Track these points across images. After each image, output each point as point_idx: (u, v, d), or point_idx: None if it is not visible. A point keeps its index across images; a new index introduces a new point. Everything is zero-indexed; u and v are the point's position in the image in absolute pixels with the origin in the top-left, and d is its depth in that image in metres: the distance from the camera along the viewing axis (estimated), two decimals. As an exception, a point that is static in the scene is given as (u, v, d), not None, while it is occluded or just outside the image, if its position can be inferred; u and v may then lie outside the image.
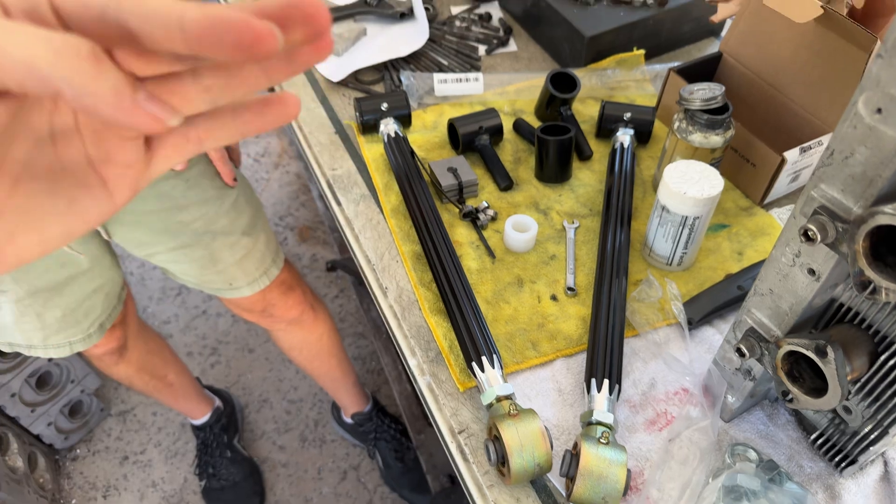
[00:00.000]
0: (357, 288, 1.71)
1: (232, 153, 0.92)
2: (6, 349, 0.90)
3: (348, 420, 1.52)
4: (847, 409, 0.56)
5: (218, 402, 1.51)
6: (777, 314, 0.54)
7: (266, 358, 1.73)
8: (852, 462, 0.58)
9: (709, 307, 0.73)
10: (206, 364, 1.72)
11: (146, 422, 1.62)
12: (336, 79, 1.03)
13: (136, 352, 1.12)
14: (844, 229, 0.44)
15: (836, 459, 0.60)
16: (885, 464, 0.61)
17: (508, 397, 0.61)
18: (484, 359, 0.64)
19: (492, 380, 0.63)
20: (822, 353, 0.49)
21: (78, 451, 1.56)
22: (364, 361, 1.73)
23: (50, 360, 1.42)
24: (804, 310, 0.52)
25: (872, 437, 0.55)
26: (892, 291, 0.42)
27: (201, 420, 1.46)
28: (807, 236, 0.45)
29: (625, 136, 0.89)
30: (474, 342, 0.66)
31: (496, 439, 0.58)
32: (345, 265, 1.70)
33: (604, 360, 0.65)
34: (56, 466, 1.53)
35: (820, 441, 0.61)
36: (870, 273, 0.42)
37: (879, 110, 0.40)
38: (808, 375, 0.53)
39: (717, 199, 0.71)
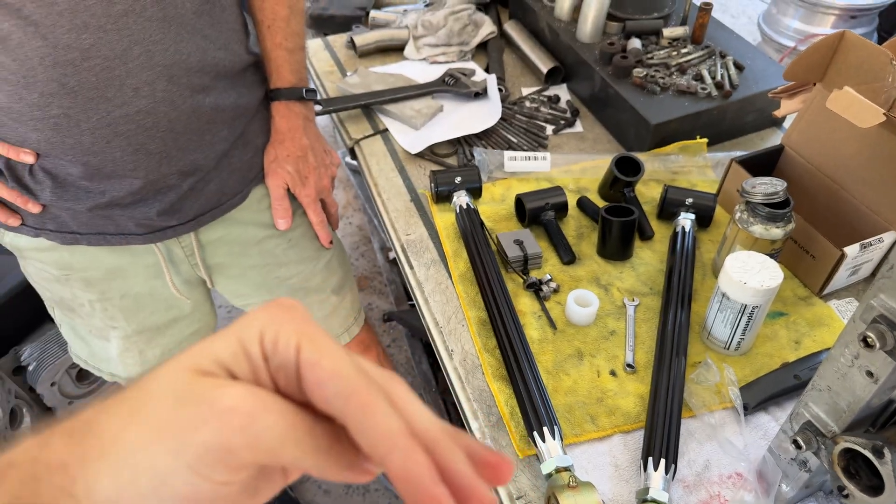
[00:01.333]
0: (409, 340, 1.76)
1: (331, 218, 1.01)
2: (107, 378, 0.99)
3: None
4: (904, 510, 0.57)
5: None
6: (835, 410, 0.56)
7: (318, 403, 1.78)
8: (909, 564, 0.59)
9: (765, 394, 0.75)
10: (261, 404, 1.78)
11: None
12: (414, 151, 1.11)
13: None
14: (902, 338, 0.47)
15: (893, 560, 0.60)
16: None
17: (567, 469, 0.65)
18: (545, 429, 0.68)
19: (552, 450, 0.66)
20: (879, 454, 0.51)
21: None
22: (411, 414, 1.76)
23: (122, 389, 1.52)
24: (862, 409, 0.54)
25: (930, 540, 0.56)
26: (948, 402, 0.44)
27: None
28: (866, 342, 0.49)
29: (686, 220, 0.93)
30: (536, 412, 0.70)
31: (555, 508, 0.61)
32: (401, 317, 1.76)
33: (661, 440, 0.67)
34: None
35: (876, 539, 0.62)
36: (926, 382, 0.45)
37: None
38: (864, 473, 0.55)
39: (776, 290, 0.74)
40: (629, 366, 0.80)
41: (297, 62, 0.94)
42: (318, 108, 1.14)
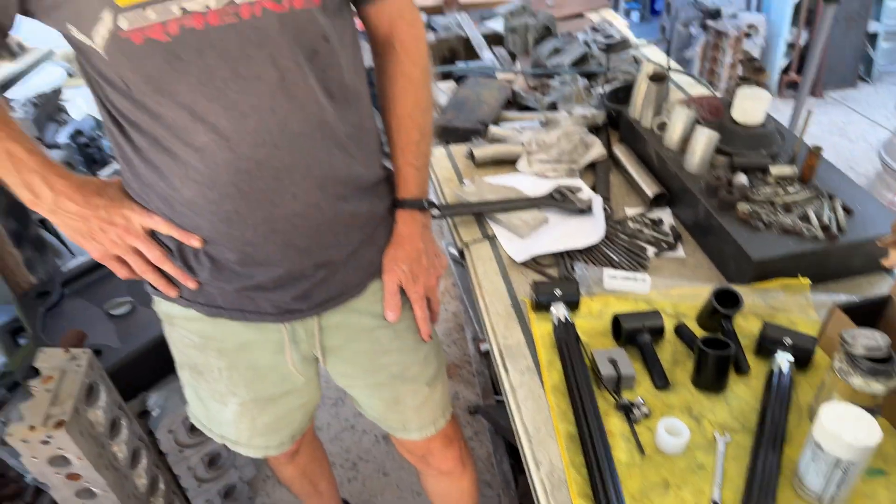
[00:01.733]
0: (493, 436, 1.78)
1: (433, 314, 1.11)
2: (217, 439, 1.10)
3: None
4: None
5: (350, 519, 1.63)
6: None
7: (398, 485, 1.83)
8: None
9: (859, 556, 0.73)
10: (344, 477, 1.85)
11: (282, 520, 1.76)
12: (519, 259, 1.20)
13: (304, 457, 1.30)
14: None
15: None
16: None
17: None
18: (626, 555, 0.70)
19: (631, 578, 0.68)
20: None
21: (221, 532, 1.73)
22: (486, 510, 1.77)
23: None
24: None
25: None
26: None
27: (332, 532, 1.57)
28: (957, 525, 0.49)
29: (784, 360, 0.94)
30: (618, 536, 0.73)
31: None
32: (486, 412, 1.80)
33: (743, 587, 0.68)
34: (200, 542, 1.70)
35: None
36: None
37: None
38: None
39: (874, 448, 0.73)
40: (715, 503, 0.80)
41: (422, 178, 1.07)
42: (435, 212, 1.26)
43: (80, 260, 1.75)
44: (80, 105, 2.82)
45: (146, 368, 1.53)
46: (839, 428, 0.74)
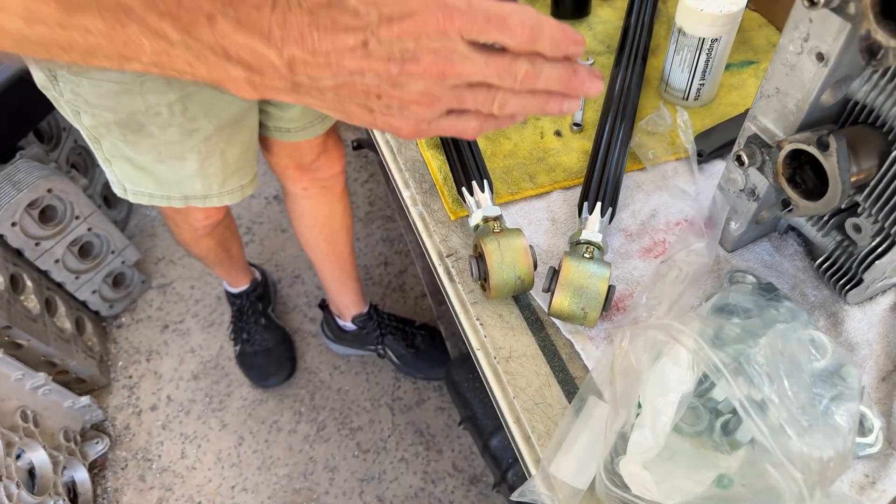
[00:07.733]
0: (385, 171, 1.70)
1: None
2: (180, 203, 0.91)
3: (349, 326, 1.51)
4: (857, 228, 0.52)
5: (257, 274, 1.57)
6: (783, 116, 0.49)
7: (296, 240, 1.77)
8: (858, 283, 0.55)
9: (722, 140, 0.68)
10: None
11: (184, 294, 1.70)
12: None
13: (221, 226, 1.19)
14: (855, -12, 0.39)
15: (841, 283, 0.57)
16: (898, 294, 0.58)
17: (496, 218, 0.60)
18: (474, 183, 0.63)
19: (481, 202, 0.61)
20: (823, 146, 0.45)
21: (122, 319, 1.66)
22: (392, 243, 1.75)
23: (89, 229, 1.48)
24: (811, 106, 0.47)
25: (879, 250, 0.51)
26: (901, 51, 0.37)
27: (240, 288, 1.52)
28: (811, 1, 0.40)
29: (649, -33, 0.81)
30: (466, 169, 0.64)
31: (480, 256, 0.57)
32: (371, 143, 1.68)
33: (598, 185, 0.62)
34: (103, 332, 1.64)
35: (825, 265, 0.57)
36: (877, 33, 0.37)
37: None
38: (811, 181, 0.49)
39: (739, 17, 0.64)
40: (576, 125, 0.72)
41: None
42: None
43: None
44: None
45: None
46: (701, 2, 0.64)
